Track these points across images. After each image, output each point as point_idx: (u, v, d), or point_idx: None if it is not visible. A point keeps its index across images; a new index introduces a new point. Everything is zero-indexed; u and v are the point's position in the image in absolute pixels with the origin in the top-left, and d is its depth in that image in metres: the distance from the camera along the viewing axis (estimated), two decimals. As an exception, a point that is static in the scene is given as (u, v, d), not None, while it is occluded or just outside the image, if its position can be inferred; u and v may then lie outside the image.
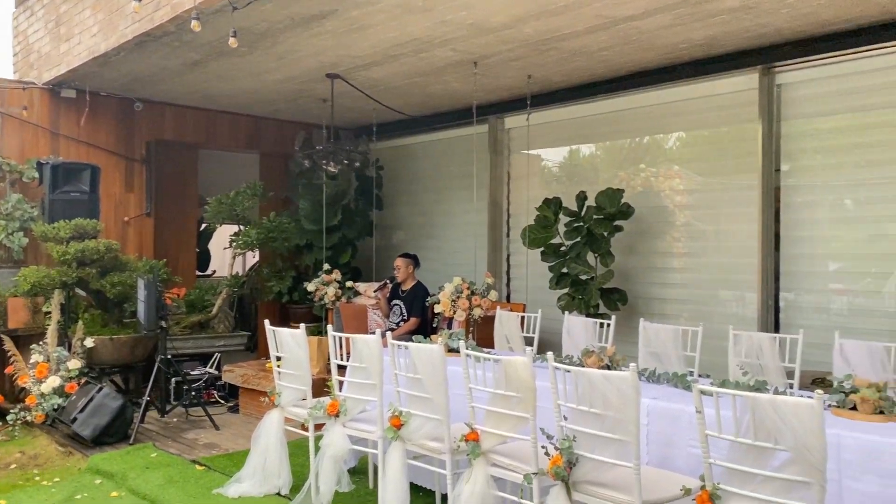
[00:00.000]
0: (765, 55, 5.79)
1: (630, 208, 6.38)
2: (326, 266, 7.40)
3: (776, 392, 3.44)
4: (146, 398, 6.40)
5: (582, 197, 6.59)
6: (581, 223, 6.53)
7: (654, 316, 6.50)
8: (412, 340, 4.32)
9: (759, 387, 3.45)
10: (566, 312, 5.99)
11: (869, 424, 3.05)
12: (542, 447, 3.28)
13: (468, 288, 5.78)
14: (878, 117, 5.43)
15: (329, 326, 4.64)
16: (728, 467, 2.71)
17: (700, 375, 4.47)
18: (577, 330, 5.27)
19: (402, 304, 7.11)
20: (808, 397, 2.55)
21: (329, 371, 4.64)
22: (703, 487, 2.78)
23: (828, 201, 5.72)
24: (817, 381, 4.44)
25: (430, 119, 8.62)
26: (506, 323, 5.60)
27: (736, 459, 2.70)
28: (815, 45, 5.53)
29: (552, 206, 6.75)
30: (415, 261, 7.28)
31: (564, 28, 5.36)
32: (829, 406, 3.29)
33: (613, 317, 5.42)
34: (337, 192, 8.68)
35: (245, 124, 9.01)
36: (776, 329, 5.79)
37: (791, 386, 4.16)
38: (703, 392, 2.76)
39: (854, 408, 3.20)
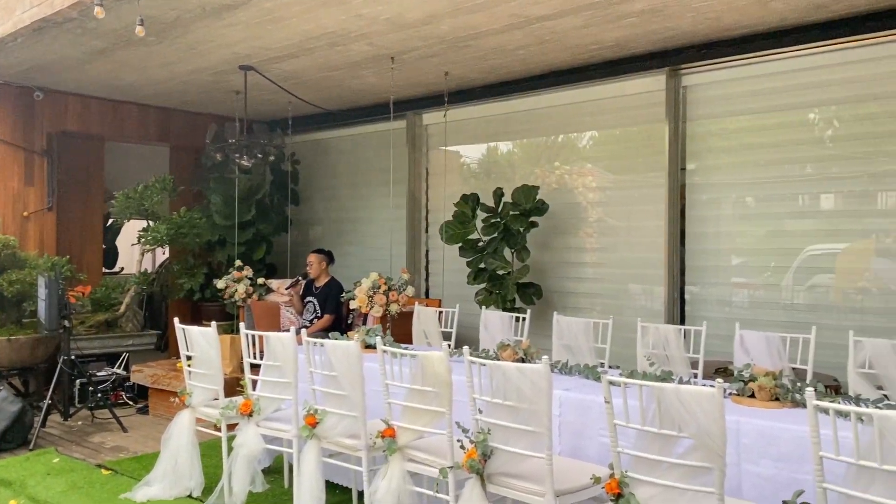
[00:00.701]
0: (672, 57, 6.00)
1: (545, 205, 6.51)
2: (238, 262, 7.24)
3: (681, 382, 3.59)
4: (48, 401, 6.10)
5: (499, 193, 6.67)
6: (498, 219, 6.61)
7: (567, 309, 6.66)
8: (328, 337, 4.29)
9: (665, 377, 3.59)
10: (483, 307, 6.06)
11: (766, 411, 3.22)
12: (458, 441, 3.31)
13: (385, 283, 5.76)
14: (777, 118, 5.71)
15: (242, 324, 4.55)
16: (635, 455, 2.80)
17: (610, 367, 4.60)
18: (494, 324, 5.34)
19: (315, 300, 7.02)
20: (710, 386, 2.66)
21: (242, 370, 4.54)
22: (612, 475, 2.86)
23: (731, 199, 5.98)
24: (720, 371, 4.64)
25: (347, 113, 8.53)
26: (424, 318, 5.61)
27: (642, 447, 2.79)
28: (719, 48, 5.77)
29: (470, 201, 6.81)
30: (328, 257, 7.20)
31: (480, 26, 5.41)
32: (730, 394, 3.44)
33: (529, 311, 5.51)
34: (251, 186, 8.50)
35: (154, 116, 8.69)
36: (682, 321, 6.02)
37: (695, 375, 4.33)
38: (611, 383, 2.84)
39: (752, 395, 3.36)
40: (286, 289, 7.26)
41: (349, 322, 7.06)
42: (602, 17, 5.18)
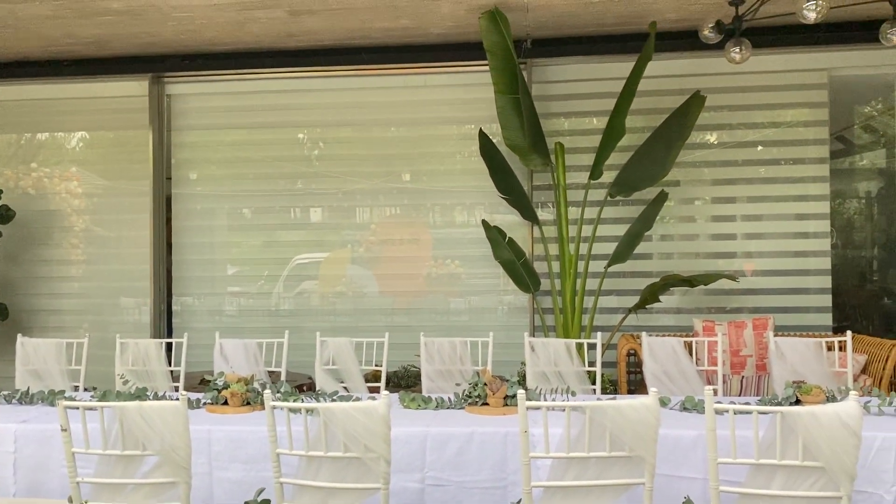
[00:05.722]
0: (155, 64, 5.89)
1: (10, 211, 5.74)
2: None
3: (156, 397, 3.50)
4: None
5: (-54, 198, 5.64)
6: (-54, 228, 5.58)
7: (47, 330, 6.04)
8: None
9: (140, 394, 3.47)
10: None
11: (236, 416, 3.33)
12: None
13: None
14: (269, 135, 6.05)
15: None
16: (96, 482, 2.62)
17: (86, 389, 4.25)
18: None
19: None
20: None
21: None
22: (70, 509, 2.63)
23: (224, 210, 6.13)
24: (204, 381, 4.66)
25: None
26: None
27: (105, 473, 2.62)
28: (203, 61, 5.86)
29: None
30: None
31: (-86, -6, 4.50)
32: (205, 404, 3.48)
33: (-14, 335, 4.78)
34: None
35: None
36: (169, 334, 5.95)
37: (177, 389, 4.26)
38: (67, 407, 2.61)
39: (226, 402, 3.44)
40: None
41: None
42: (74, 12, 4.79)
